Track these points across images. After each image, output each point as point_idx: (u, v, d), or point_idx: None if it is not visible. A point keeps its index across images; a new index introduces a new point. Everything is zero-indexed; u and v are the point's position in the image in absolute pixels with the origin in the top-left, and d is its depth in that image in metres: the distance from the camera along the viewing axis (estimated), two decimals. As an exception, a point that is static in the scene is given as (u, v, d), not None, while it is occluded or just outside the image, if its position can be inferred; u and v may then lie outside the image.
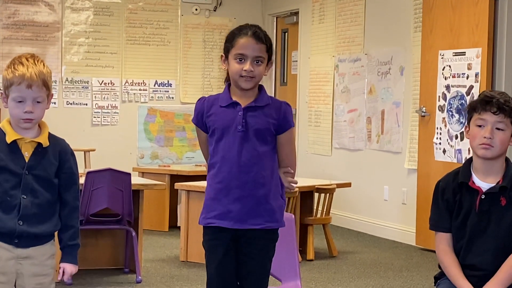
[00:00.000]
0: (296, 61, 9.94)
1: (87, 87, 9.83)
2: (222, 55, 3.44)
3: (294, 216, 4.09)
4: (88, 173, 5.93)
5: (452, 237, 3.39)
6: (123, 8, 9.95)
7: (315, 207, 7.30)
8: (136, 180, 6.51)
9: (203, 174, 3.50)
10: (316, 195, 7.28)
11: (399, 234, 8.02)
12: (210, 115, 3.41)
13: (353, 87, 8.80)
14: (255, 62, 3.36)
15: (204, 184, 3.63)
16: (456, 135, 7.10)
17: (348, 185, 7.63)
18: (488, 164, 3.34)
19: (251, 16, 10.13)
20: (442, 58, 7.27)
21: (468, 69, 6.97)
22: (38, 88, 3.08)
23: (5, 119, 3.17)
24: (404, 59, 8.00)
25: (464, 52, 7.02)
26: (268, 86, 10.35)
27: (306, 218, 7.04)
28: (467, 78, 6.99)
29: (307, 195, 7.19)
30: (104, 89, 9.89)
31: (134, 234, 6.02)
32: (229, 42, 3.41)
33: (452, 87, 7.18)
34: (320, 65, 9.37)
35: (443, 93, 7.27)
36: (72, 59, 9.76)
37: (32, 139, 3.13)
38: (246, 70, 3.34)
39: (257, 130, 3.35)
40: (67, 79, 9.74)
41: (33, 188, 3.11)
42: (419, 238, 7.56)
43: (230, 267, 3.42)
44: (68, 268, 3.20)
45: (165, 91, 10.14)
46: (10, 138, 3.11)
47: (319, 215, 7.22)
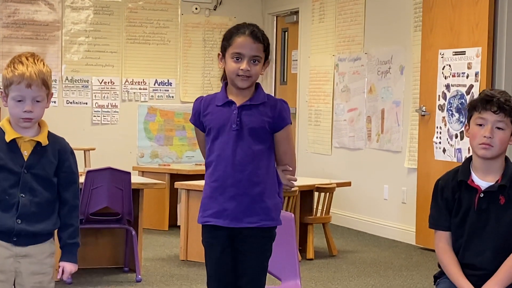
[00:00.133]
0: (296, 60, 9.94)
1: (87, 86, 9.82)
2: (219, 54, 3.44)
3: (294, 215, 4.09)
4: (88, 172, 5.93)
5: (452, 235, 3.39)
6: (123, 7, 9.95)
7: (315, 206, 7.30)
8: (136, 179, 6.51)
9: (203, 173, 3.49)
10: (316, 194, 7.28)
11: (399, 233, 8.02)
12: (207, 114, 3.41)
13: (353, 86, 8.80)
14: (252, 62, 3.36)
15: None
16: (456, 134, 7.10)
17: (348, 184, 7.63)
18: (487, 163, 3.34)
19: (251, 15, 10.13)
20: (442, 57, 7.27)
21: (468, 68, 6.97)
22: (37, 88, 3.08)
23: (4, 118, 3.18)
24: (404, 58, 8.00)
25: (464, 51, 7.02)
26: (268, 85, 10.35)
27: (306, 217, 7.04)
28: (467, 77, 6.99)
29: (307, 194, 7.19)
30: (104, 88, 9.88)
31: (134, 233, 6.02)
32: (226, 41, 3.41)
33: (452, 86, 7.18)
34: (320, 64, 9.37)
35: (443, 92, 7.27)
36: (72, 58, 9.76)
37: (31, 138, 3.13)
38: (242, 70, 3.34)
39: (251, 128, 3.35)
40: (67, 78, 9.74)
41: (32, 187, 3.12)
42: (419, 237, 7.56)
43: (227, 265, 3.43)
44: (68, 267, 3.20)
45: (165, 90, 10.14)
46: (9, 137, 3.11)
47: (319, 214, 7.22)
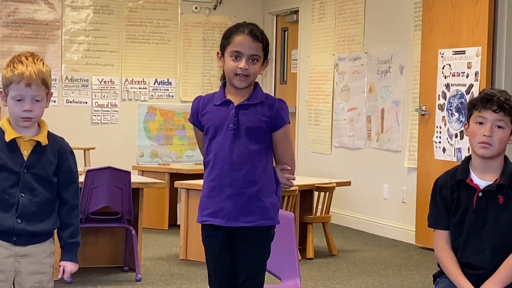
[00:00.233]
0: (296, 59, 9.94)
1: (87, 85, 9.82)
2: (218, 52, 3.45)
3: (293, 214, 4.09)
4: (88, 171, 5.93)
5: (450, 234, 3.39)
6: (123, 6, 9.94)
7: (315, 206, 7.30)
8: (136, 178, 6.51)
9: (202, 173, 3.49)
10: (316, 193, 7.28)
11: (398, 232, 8.02)
12: (205, 113, 3.42)
13: (353, 85, 8.80)
14: (251, 61, 3.36)
15: (204, 182, 3.63)
16: (456, 134, 7.10)
17: (348, 183, 7.63)
18: (486, 162, 3.34)
19: (251, 15, 10.13)
20: (442, 57, 7.27)
21: (468, 67, 6.97)
22: (37, 87, 3.09)
23: (4, 118, 3.18)
24: (404, 57, 8.00)
25: (464, 50, 7.02)
26: (268, 84, 10.35)
27: (306, 217, 7.04)
28: (467, 76, 6.99)
29: (307, 193, 7.19)
30: (104, 87, 9.88)
31: (133, 232, 6.02)
32: (225, 39, 3.42)
33: (452, 85, 7.18)
34: (320, 63, 9.37)
35: (443, 91, 7.27)
36: (72, 57, 9.76)
37: (31, 138, 3.13)
38: (241, 68, 3.34)
39: (248, 128, 3.35)
40: (67, 78, 9.74)
41: (31, 187, 3.12)
42: (418, 237, 7.57)
43: (227, 264, 3.44)
44: (68, 266, 3.20)
45: (165, 90, 10.14)
46: (9, 137, 3.11)
47: (318, 214, 7.22)
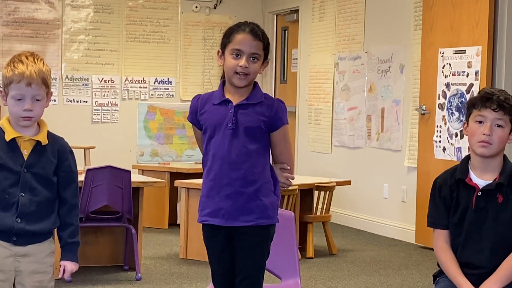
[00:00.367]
0: (296, 59, 9.94)
1: (87, 85, 9.83)
2: (219, 51, 3.45)
3: (293, 213, 4.09)
4: (88, 170, 5.93)
5: (450, 234, 3.40)
6: (123, 6, 9.95)
7: (315, 205, 7.30)
8: (136, 177, 6.52)
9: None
10: (316, 193, 7.28)
11: (398, 232, 8.02)
12: (203, 112, 3.42)
13: (353, 85, 8.80)
14: (251, 59, 3.37)
15: (204, 182, 3.63)
16: (456, 133, 7.10)
17: (348, 183, 7.63)
18: (486, 161, 3.34)
19: (251, 14, 10.13)
20: (442, 56, 7.27)
21: (468, 67, 6.97)
22: (37, 86, 3.09)
23: (4, 117, 3.18)
24: (404, 57, 8.00)
25: (464, 50, 7.02)
26: (268, 83, 10.36)
27: (306, 216, 7.04)
28: (467, 76, 6.99)
29: (307, 193, 7.19)
30: (104, 86, 9.89)
31: (134, 231, 6.02)
32: (226, 38, 3.42)
33: (452, 85, 7.18)
34: (320, 63, 9.37)
35: (443, 91, 7.27)
36: (72, 57, 9.76)
37: (31, 137, 3.13)
38: (241, 66, 3.34)
39: (247, 127, 3.35)
40: (67, 77, 9.74)
41: (31, 186, 3.12)
42: (418, 236, 7.57)
43: (228, 263, 3.44)
44: (69, 266, 3.20)
45: (165, 89, 10.14)
46: (9, 136, 3.11)
47: (318, 213, 7.22)
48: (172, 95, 10.17)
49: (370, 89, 8.51)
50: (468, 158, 3.41)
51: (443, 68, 7.27)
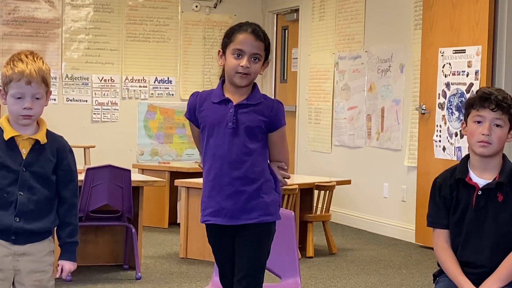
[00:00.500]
0: (296, 58, 9.94)
1: (87, 84, 9.82)
2: (220, 50, 3.45)
3: (293, 213, 4.10)
4: (88, 169, 5.93)
5: (450, 233, 3.39)
6: (123, 5, 9.94)
7: (315, 204, 7.30)
8: (136, 176, 6.51)
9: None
10: (316, 192, 7.28)
11: (398, 231, 8.02)
12: (202, 110, 3.42)
13: (353, 84, 8.79)
14: (252, 59, 3.38)
15: (204, 181, 3.63)
16: (456, 133, 7.10)
17: (348, 182, 7.63)
18: (485, 161, 3.34)
19: (251, 13, 10.13)
20: (442, 56, 7.27)
21: (468, 66, 6.97)
22: (37, 85, 3.09)
23: (3, 116, 3.18)
24: (404, 56, 8.00)
25: (464, 49, 7.02)
26: (268, 83, 10.36)
27: (306, 215, 7.04)
28: (467, 75, 6.99)
29: (307, 192, 7.19)
30: (104, 85, 9.89)
31: (133, 230, 6.02)
32: (228, 37, 3.43)
33: (452, 84, 7.18)
34: (320, 62, 9.37)
35: (443, 90, 7.27)
36: (72, 56, 9.76)
37: (29, 136, 3.13)
38: (242, 66, 3.35)
39: (247, 127, 3.36)
40: (67, 76, 9.74)
41: (30, 185, 3.12)
42: (418, 236, 7.57)
43: (233, 262, 3.45)
44: (67, 265, 3.20)
45: (165, 88, 10.14)
46: (7, 135, 3.11)
47: (318, 212, 7.22)
48: (172, 95, 10.17)
49: (370, 88, 8.51)
50: (467, 157, 3.41)
51: (443, 67, 7.26)
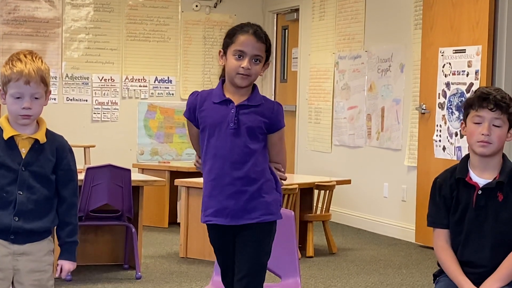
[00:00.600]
0: (296, 58, 9.94)
1: (87, 83, 9.83)
2: (220, 51, 3.46)
3: (293, 213, 4.10)
4: (88, 169, 5.93)
5: (450, 233, 3.40)
6: (123, 4, 9.94)
7: (315, 204, 7.30)
8: (136, 176, 6.51)
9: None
10: (316, 192, 7.28)
11: (398, 231, 8.02)
12: (203, 110, 3.42)
13: (353, 84, 8.79)
14: (253, 61, 3.38)
15: (204, 180, 3.63)
16: (456, 133, 7.10)
17: (348, 182, 7.63)
18: (485, 160, 3.34)
19: (251, 13, 10.13)
20: (442, 56, 7.26)
21: (468, 66, 6.97)
22: (36, 85, 3.09)
23: (3, 116, 3.18)
24: (404, 56, 8.00)
25: (464, 49, 7.02)
26: (268, 83, 10.36)
27: (306, 215, 7.04)
28: (467, 75, 6.99)
29: (307, 192, 7.19)
30: (104, 85, 9.89)
31: (133, 230, 6.02)
32: (229, 38, 3.43)
33: (452, 84, 7.18)
34: (320, 62, 9.37)
35: (443, 90, 7.27)
36: (72, 55, 9.76)
37: (29, 136, 3.13)
38: (243, 67, 3.36)
39: (249, 127, 3.37)
40: (67, 75, 9.74)
41: (29, 184, 3.12)
42: (418, 235, 7.57)
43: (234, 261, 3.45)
44: (66, 265, 3.20)
45: (165, 88, 10.15)
46: (7, 135, 3.11)
47: (318, 212, 7.22)
48: (172, 94, 10.18)
49: (370, 88, 8.51)
50: (467, 157, 3.41)
51: (443, 67, 7.26)
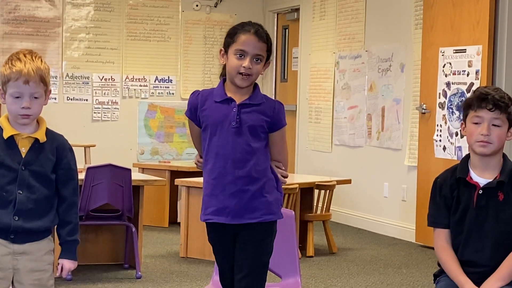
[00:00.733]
0: (297, 57, 9.94)
1: (88, 83, 9.83)
2: (221, 49, 3.46)
3: (294, 212, 4.10)
4: (89, 168, 5.93)
5: (451, 233, 3.40)
6: (123, 4, 9.94)
7: (315, 204, 7.30)
8: (136, 176, 6.51)
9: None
10: (316, 191, 7.28)
11: (399, 231, 8.02)
12: (204, 109, 3.42)
13: (353, 83, 8.79)
14: (255, 60, 3.39)
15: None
16: (456, 132, 7.10)
17: (348, 181, 7.63)
18: (485, 160, 3.35)
19: (252, 13, 10.13)
20: (443, 55, 7.26)
21: (469, 66, 6.97)
22: (35, 84, 3.09)
23: (3, 115, 3.18)
24: (405, 56, 8.00)
25: (465, 49, 7.02)
26: (268, 82, 10.36)
27: (306, 215, 7.04)
28: (468, 75, 6.99)
29: (307, 191, 7.19)
30: (104, 84, 9.89)
31: (134, 229, 6.02)
32: (230, 37, 3.43)
33: (452, 84, 7.18)
34: (320, 61, 9.37)
35: (444, 90, 7.27)
36: (72, 55, 9.76)
37: (29, 135, 3.13)
38: (245, 67, 3.36)
39: (250, 126, 3.37)
40: (67, 75, 9.74)
41: (29, 184, 3.12)
42: (418, 235, 7.57)
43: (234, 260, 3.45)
44: (67, 264, 3.20)
45: (165, 87, 10.15)
46: (7, 134, 3.11)
47: (319, 212, 7.22)
48: (173, 94, 10.18)
49: (371, 88, 8.51)
50: (468, 157, 3.41)
51: (443, 67, 7.26)
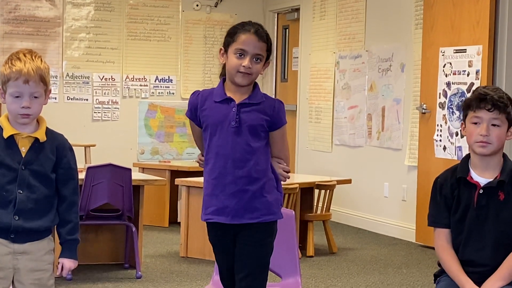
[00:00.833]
0: (297, 57, 9.94)
1: (88, 83, 9.83)
2: (221, 49, 3.46)
3: (294, 212, 4.10)
4: (89, 168, 5.94)
5: (451, 233, 3.40)
6: (124, 4, 9.94)
7: (315, 204, 7.30)
8: (137, 175, 6.51)
9: (203, 170, 3.54)
10: (316, 191, 7.28)
11: (399, 231, 8.02)
12: (204, 109, 3.43)
13: (353, 83, 8.79)
14: (254, 60, 3.39)
15: (205, 180, 3.63)
16: (457, 132, 7.10)
17: (348, 181, 7.63)
18: (485, 160, 3.35)
19: (252, 13, 10.13)
20: (443, 55, 7.26)
21: (469, 66, 6.97)
22: (35, 84, 3.09)
23: (3, 115, 3.18)
24: (405, 56, 8.00)
25: (465, 49, 7.02)
26: (268, 82, 10.36)
27: (306, 215, 7.04)
28: (468, 75, 6.99)
29: (307, 191, 7.19)
30: (104, 84, 9.89)
31: (134, 229, 6.02)
32: (230, 37, 3.43)
33: (452, 84, 7.18)
34: (320, 61, 9.37)
35: (444, 90, 7.27)
36: (72, 54, 9.76)
37: (29, 134, 3.13)
38: (244, 66, 3.37)
39: (250, 126, 3.38)
40: (67, 75, 9.74)
41: (29, 183, 3.12)
42: (419, 235, 7.57)
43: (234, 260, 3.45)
44: (67, 263, 3.20)
45: (165, 87, 10.15)
46: (7, 133, 3.11)
47: (319, 212, 7.22)
48: (173, 93, 10.18)
49: (371, 87, 8.51)
50: (468, 157, 3.41)
51: (443, 67, 7.26)
